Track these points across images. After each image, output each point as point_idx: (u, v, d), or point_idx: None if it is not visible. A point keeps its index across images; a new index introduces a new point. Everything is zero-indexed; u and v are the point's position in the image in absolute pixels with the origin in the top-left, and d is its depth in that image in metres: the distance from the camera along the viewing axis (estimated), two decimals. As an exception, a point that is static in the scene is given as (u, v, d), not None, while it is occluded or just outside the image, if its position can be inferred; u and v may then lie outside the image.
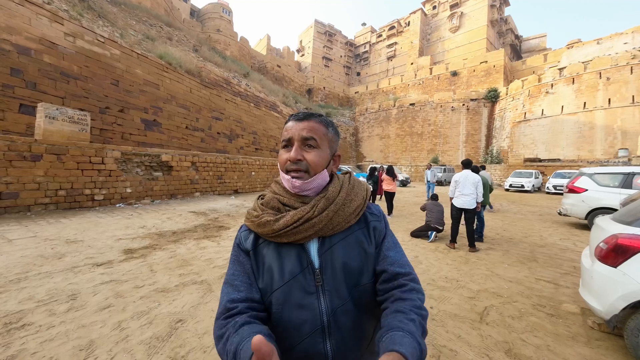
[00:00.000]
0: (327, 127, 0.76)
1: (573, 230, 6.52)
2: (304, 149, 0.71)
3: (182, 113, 13.89)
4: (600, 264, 2.13)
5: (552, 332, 2.32)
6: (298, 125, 0.72)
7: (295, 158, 0.69)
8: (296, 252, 0.70)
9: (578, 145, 21.11)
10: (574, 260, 4.24)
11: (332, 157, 0.76)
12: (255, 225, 0.72)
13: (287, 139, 0.72)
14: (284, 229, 0.68)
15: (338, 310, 0.67)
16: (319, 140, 0.71)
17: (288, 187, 0.73)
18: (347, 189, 0.75)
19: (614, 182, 6.19)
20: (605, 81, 20.23)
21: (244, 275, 0.71)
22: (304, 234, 0.68)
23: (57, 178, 6.65)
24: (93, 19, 12.95)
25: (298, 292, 0.67)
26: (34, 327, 2.13)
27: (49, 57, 9.14)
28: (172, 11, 31.10)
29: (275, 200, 0.74)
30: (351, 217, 0.73)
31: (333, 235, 0.71)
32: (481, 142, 29.02)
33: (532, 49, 45.03)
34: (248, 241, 0.74)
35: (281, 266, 0.69)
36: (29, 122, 8.30)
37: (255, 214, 0.74)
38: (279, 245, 0.71)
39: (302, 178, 0.70)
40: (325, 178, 0.74)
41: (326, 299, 0.67)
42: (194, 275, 3.29)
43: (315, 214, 0.68)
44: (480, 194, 4.67)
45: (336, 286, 0.68)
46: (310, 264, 0.69)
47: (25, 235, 4.51)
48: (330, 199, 0.71)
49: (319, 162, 0.71)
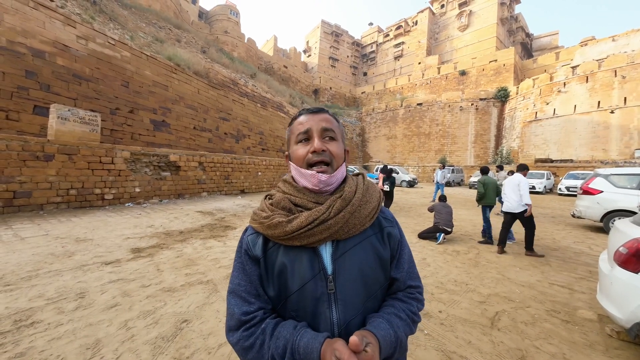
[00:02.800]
0: (338, 121, 0.75)
1: (588, 233, 6.31)
2: (324, 140, 0.68)
3: (190, 114, 14.05)
4: (621, 270, 2.03)
5: (568, 340, 2.22)
6: (314, 117, 0.70)
7: (321, 148, 0.66)
8: (308, 257, 0.65)
9: (592, 145, 20.50)
10: (589, 265, 4.09)
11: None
12: (265, 227, 0.66)
13: (304, 131, 0.68)
14: (298, 231, 0.63)
15: (352, 323, 0.63)
16: (336, 132, 0.70)
17: (312, 183, 0.67)
18: (363, 190, 0.71)
19: (632, 183, 5.96)
20: (620, 79, 19.59)
21: (251, 286, 0.68)
22: (318, 237, 0.63)
23: (69, 177, 6.79)
24: (104, 22, 13.24)
25: (309, 300, 0.63)
26: (42, 324, 2.15)
27: (62, 59, 9.36)
28: (180, 13, 31.59)
29: (286, 200, 0.69)
30: (366, 220, 0.69)
31: (348, 240, 0.67)
32: (490, 142, 28.50)
33: (544, 47, 44.01)
34: (257, 247, 0.69)
35: (292, 271, 0.64)
36: (43, 123, 8.51)
37: (264, 215, 0.68)
38: (289, 249, 0.66)
39: (326, 172, 0.66)
40: (344, 172, 0.72)
41: (339, 309, 0.63)
42: (199, 275, 3.29)
43: (332, 215, 0.64)
44: (524, 196, 4.57)
45: (349, 295, 0.64)
46: (322, 269, 0.64)
47: (38, 234, 4.61)
48: (347, 199, 0.66)
49: (340, 153, 0.69)
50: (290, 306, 0.64)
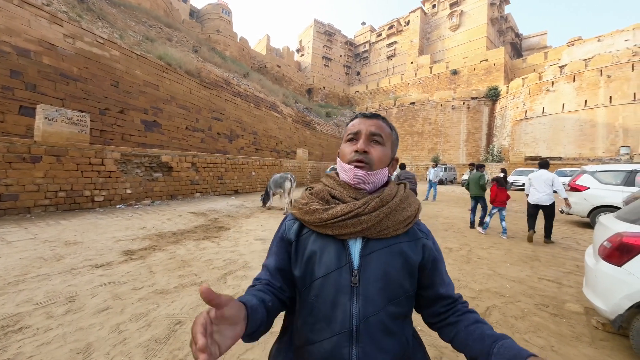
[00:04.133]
0: (391, 129, 0.78)
1: (575, 229, 6.48)
2: (370, 144, 0.72)
3: (182, 114, 13.88)
4: (605, 263, 2.10)
5: (556, 332, 2.29)
6: (366, 121, 0.74)
7: (363, 149, 0.70)
8: (336, 248, 0.69)
9: (579, 143, 21.02)
10: (576, 259, 4.20)
11: (391, 159, 0.77)
12: (302, 212, 0.72)
13: (354, 132, 0.73)
14: (332, 219, 0.67)
15: (371, 319, 0.65)
16: (384, 138, 0.74)
17: (349, 177, 0.72)
18: (402, 196, 0.73)
19: (616, 179, 6.15)
20: (606, 79, 20.14)
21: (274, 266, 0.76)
22: (350, 229, 0.67)
23: (57, 179, 6.63)
24: (92, 21, 12.95)
25: (332, 289, 0.66)
26: (31, 330, 2.10)
27: (49, 58, 9.13)
28: (171, 12, 31.13)
29: (325, 192, 0.74)
30: (400, 226, 0.70)
31: (378, 240, 0.69)
32: (482, 140, 28.95)
33: (533, 47, 44.89)
34: (292, 230, 0.75)
35: (320, 258, 0.69)
36: (29, 123, 8.29)
37: (303, 202, 0.75)
38: (321, 237, 0.71)
39: (365, 169, 0.70)
40: (385, 175, 0.74)
41: (359, 302, 0.65)
42: (193, 277, 3.26)
43: (366, 212, 0.67)
44: (560, 191, 4.95)
45: (372, 292, 0.66)
46: (349, 262, 0.68)
47: (25, 237, 4.50)
48: (384, 200, 0.70)
49: (382, 158, 0.72)
50: (313, 291, 0.68)
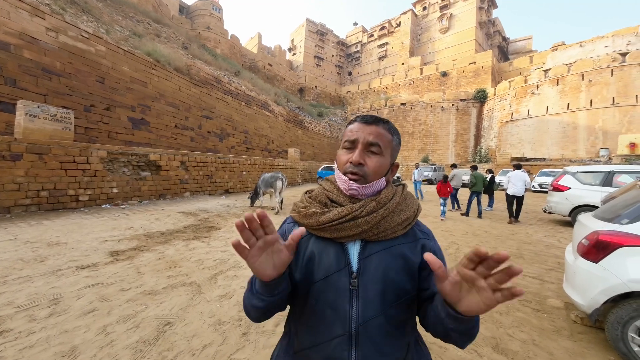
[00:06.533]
0: (393, 134, 0.74)
1: (557, 227, 6.72)
2: (366, 154, 0.70)
3: (171, 111, 13.61)
4: (583, 260, 2.20)
5: (538, 327, 2.38)
6: (365, 128, 0.71)
7: (358, 162, 0.68)
8: (335, 251, 0.69)
9: (562, 144, 21.79)
10: (558, 257, 4.37)
11: (390, 166, 0.75)
12: (301, 216, 0.72)
13: (352, 140, 0.71)
14: (329, 223, 0.67)
15: (371, 322, 0.64)
16: (383, 147, 0.70)
17: (343, 188, 0.72)
18: (400, 198, 0.73)
19: (596, 180, 6.41)
20: (587, 83, 20.94)
21: None
22: (347, 232, 0.67)
23: (39, 178, 6.40)
24: (77, 14, 12.52)
25: (331, 292, 0.66)
26: (12, 333, 2.04)
27: (30, 52, 8.79)
28: (160, 7, 30.42)
29: (323, 195, 0.75)
30: (398, 228, 0.70)
31: (376, 242, 0.69)
32: (470, 141, 29.59)
33: (519, 51, 46.20)
34: None
35: (319, 261, 0.69)
36: (9, 120, 7.96)
37: (302, 206, 0.75)
38: (320, 240, 0.71)
39: (359, 182, 0.69)
40: (381, 185, 0.73)
41: (359, 306, 0.65)
42: (182, 277, 3.22)
43: (363, 214, 0.67)
44: (528, 184, 7.15)
45: (371, 295, 0.65)
46: (348, 265, 0.67)
47: (4, 238, 4.33)
48: (381, 203, 0.69)
49: (379, 169, 0.70)
50: (312, 294, 0.67)
